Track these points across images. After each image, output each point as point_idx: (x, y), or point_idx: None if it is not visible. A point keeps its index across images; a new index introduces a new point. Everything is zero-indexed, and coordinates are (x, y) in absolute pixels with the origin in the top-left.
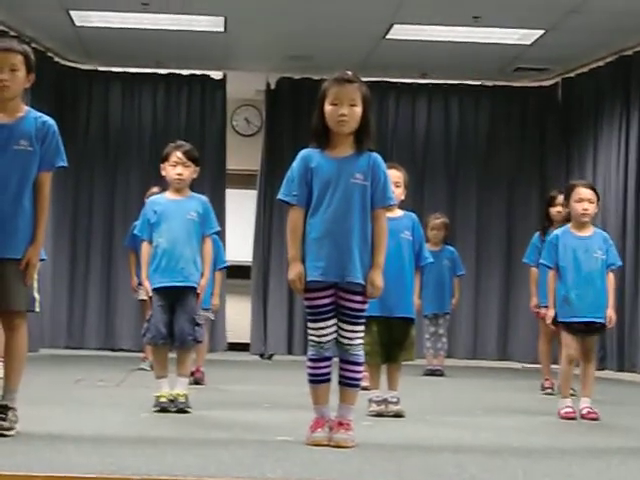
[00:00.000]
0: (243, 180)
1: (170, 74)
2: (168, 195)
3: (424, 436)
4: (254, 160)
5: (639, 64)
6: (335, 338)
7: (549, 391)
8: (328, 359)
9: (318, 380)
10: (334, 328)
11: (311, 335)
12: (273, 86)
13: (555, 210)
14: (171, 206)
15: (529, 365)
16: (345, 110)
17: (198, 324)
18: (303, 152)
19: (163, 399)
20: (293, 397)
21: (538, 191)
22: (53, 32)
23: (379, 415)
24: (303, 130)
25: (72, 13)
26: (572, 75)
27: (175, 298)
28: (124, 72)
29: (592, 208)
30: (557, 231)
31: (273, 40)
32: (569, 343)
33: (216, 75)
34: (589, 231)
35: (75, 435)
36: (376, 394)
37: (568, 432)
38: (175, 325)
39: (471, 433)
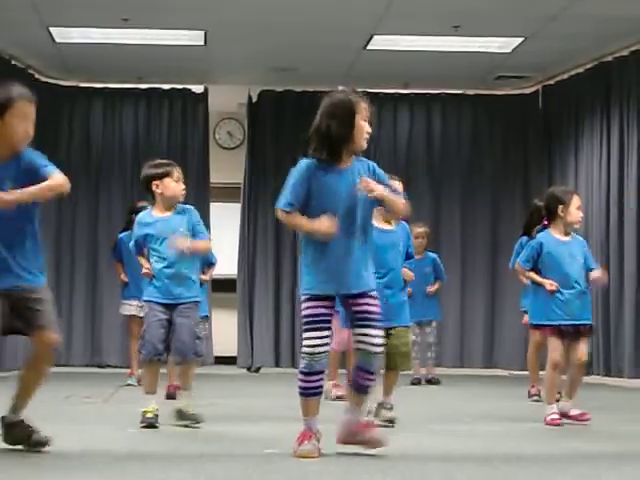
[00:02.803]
0: (227, 193)
1: (151, 89)
2: (156, 213)
3: (412, 445)
4: (237, 173)
5: (619, 70)
6: (358, 347)
7: (536, 398)
8: (320, 372)
9: (309, 393)
10: (328, 340)
11: (305, 346)
12: (255, 99)
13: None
14: (162, 226)
15: (516, 372)
16: (369, 129)
17: (199, 337)
18: (307, 163)
19: (149, 414)
20: (280, 410)
21: (521, 197)
22: (34, 49)
23: None
24: (286, 142)
25: (52, 30)
26: (552, 82)
27: (174, 312)
28: (105, 88)
29: None
30: (540, 237)
31: (253, 53)
32: (555, 348)
33: (197, 89)
34: (569, 236)
35: (63, 452)
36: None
37: (556, 438)
38: (176, 340)
39: (459, 441)
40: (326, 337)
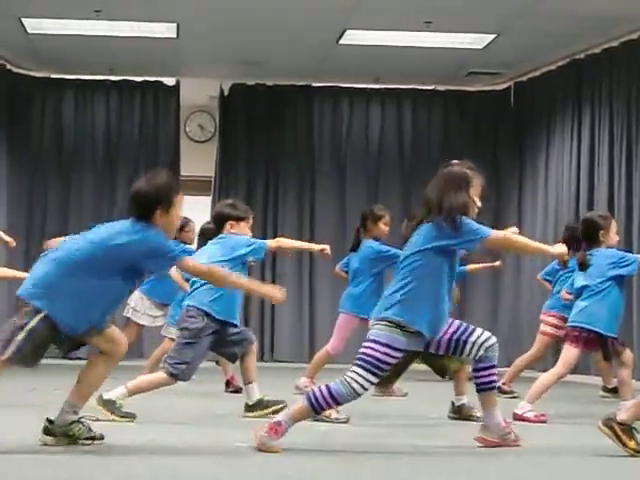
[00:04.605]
0: (197, 186)
1: (123, 81)
2: None
3: (379, 442)
4: (208, 166)
5: (590, 67)
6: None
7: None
8: None
9: (322, 410)
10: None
11: (359, 384)
12: (226, 92)
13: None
14: None
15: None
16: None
17: None
18: None
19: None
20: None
21: (491, 194)
22: (5, 40)
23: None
24: (257, 135)
25: (24, 21)
26: (524, 79)
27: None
28: (77, 79)
29: None
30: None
31: (226, 46)
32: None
33: (169, 81)
34: None
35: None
36: None
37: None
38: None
39: (427, 438)
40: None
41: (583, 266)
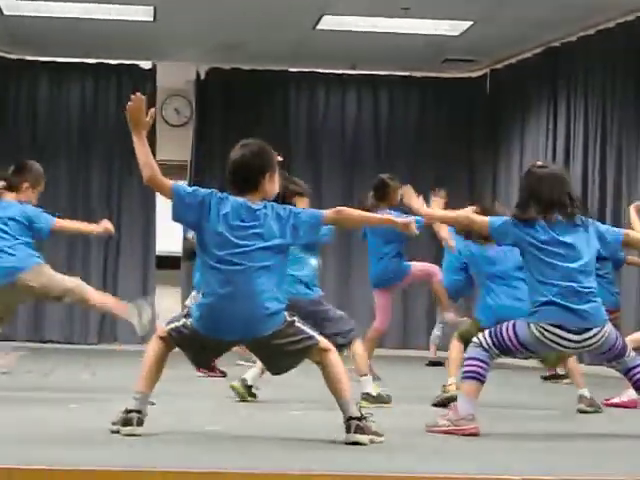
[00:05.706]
0: (173, 170)
1: (99, 64)
2: None
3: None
4: (184, 150)
5: (566, 55)
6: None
7: None
8: None
9: None
10: None
11: None
12: (203, 76)
13: None
14: None
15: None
16: None
17: None
18: None
19: None
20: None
21: (465, 181)
22: None
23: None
24: (233, 120)
25: (0, 2)
26: (500, 66)
27: None
28: (52, 61)
29: None
30: None
31: (203, 30)
32: None
33: (145, 65)
34: None
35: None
36: None
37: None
38: None
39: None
40: None
41: None
